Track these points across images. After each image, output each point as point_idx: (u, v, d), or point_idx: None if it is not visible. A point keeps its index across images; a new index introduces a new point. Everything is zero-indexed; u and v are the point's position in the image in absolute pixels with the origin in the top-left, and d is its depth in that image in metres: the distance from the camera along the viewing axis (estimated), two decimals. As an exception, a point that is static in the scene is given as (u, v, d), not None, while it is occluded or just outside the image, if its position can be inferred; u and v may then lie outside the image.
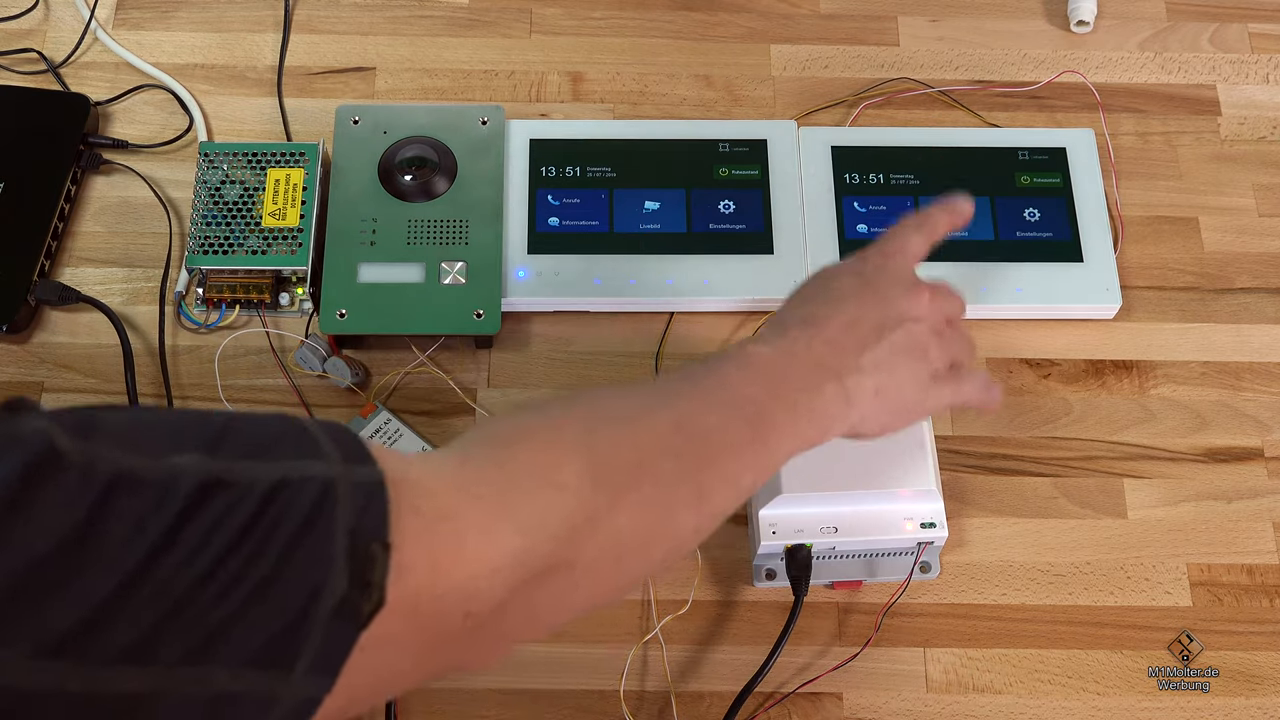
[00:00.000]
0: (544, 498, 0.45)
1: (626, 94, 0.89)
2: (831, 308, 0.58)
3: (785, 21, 0.92)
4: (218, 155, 0.81)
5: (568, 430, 0.48)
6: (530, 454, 0.47)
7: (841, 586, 0.73)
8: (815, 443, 0.56)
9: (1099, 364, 0.80)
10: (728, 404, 0.53)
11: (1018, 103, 0.89)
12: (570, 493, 0.46)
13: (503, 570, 0.43)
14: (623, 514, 0.47)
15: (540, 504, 0.45)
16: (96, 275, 0.82)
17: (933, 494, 0.69)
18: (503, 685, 0.71)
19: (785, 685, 0.71)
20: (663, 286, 0.80)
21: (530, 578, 0.44)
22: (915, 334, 0.59)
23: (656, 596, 0.73)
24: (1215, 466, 0.77)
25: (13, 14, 0.90)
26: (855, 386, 0.56)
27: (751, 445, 0.53)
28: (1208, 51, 0.92)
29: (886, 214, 0.82)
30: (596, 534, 0.46)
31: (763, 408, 0.53)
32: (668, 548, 0.50)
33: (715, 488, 0.51)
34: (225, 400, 0.78)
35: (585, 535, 0.45)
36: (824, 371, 0.56)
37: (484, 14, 0.92)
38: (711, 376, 0.54)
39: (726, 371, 0.55)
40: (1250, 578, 0.74)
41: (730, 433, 0.52)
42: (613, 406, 0.52)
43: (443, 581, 0.41)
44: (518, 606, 0.44)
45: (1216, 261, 0.84)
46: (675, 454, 0.50)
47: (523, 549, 0.43)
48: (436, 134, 0.82)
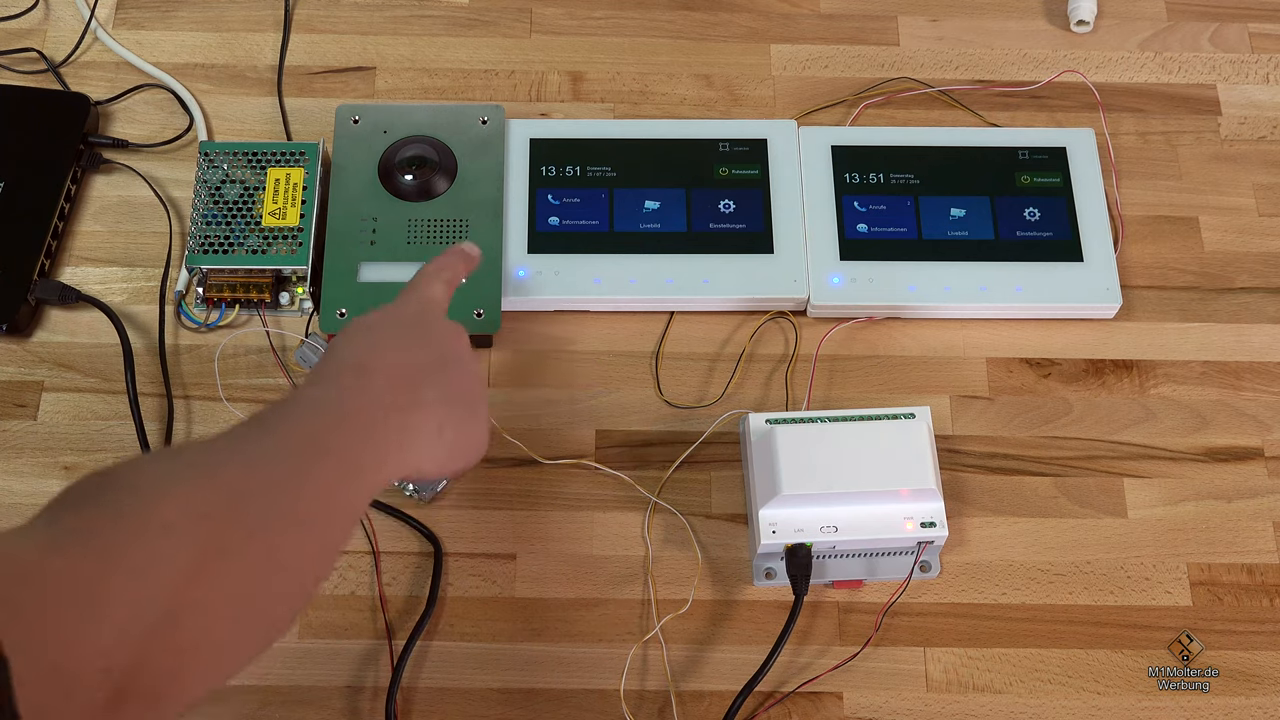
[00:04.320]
0: (151, 540, 0.43)
1: (626, 93, 0.89)
2: (381, 354, 0.59)
3: (785, 21, 0.93)
4: (218, 155, 0.81)
5: (157, 480, 0.47)
6: (126, 500, 0.45)
7: (842, 586, 0.73)
8: (388, 479, 0.56)
9: (1099, 364, 0.80)
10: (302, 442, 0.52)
11: (1018, 102, 0.89)
12: (176, 531, 0.44)
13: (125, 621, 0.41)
14: (233, 547, 0.46)
15: (148, 547, 0.43)
16: (97, 275, 0.82)
17: (933, 493, 0.70)
18: (503, 685, 0.71)
19: (785, 685, 0.71)
20: (663, 286, 0.80)
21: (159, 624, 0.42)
22: (466, 369, 0.62)
23: (656, 596, 0.73)
24: (1215, 466, 0.77)
25: (13, 14, 0.90)
26: (418, 423, 0.57)
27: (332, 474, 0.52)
28: (1208, 51, 0.92)
29: (886, 213, 0.82)
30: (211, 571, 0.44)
31: (331, 444, 0.53)
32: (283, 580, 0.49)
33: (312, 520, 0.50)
34: (225, 399, 0.78)
35: (202, 574, 0.44)
36: (384, 410, 0.56)
37: (484, 14, 0.92)
38: (277, 420, 0.53)
39: (291, 415, 0.54)
40: (1250, 577, 0.74)
41: (308, 467, 0.51)
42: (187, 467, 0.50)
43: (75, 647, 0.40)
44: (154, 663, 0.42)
45: (1217, 261, 0.84)
46: (265, 489, 0.49)
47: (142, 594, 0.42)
48: (436, 134, 0.82)
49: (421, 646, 0.71)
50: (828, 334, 0.80)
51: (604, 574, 0.73)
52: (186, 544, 0.44)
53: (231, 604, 0.46)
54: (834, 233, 0.81)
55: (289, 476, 0.50)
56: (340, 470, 0.52)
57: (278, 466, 0.51)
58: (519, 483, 0.76)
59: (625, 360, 0.80)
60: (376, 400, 0.56)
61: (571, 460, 0.76)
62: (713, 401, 0.79)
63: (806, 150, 0.84)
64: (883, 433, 0.70)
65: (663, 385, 0.79)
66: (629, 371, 0.79)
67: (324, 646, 0.71)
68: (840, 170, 0.83)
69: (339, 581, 0.73)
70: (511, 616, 0.72)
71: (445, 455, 0.59)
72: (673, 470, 0.76)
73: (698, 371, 0.80)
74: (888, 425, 0.71)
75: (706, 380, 0.79)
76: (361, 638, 0.72)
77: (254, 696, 0.70)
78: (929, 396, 0.79)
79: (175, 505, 0.45)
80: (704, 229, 0.81)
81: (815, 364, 0.80)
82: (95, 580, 0.41)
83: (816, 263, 0.80)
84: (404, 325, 0.62)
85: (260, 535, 0.47)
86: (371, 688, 0.70)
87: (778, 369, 0.80)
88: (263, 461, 0.50)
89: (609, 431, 0.78)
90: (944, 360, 0.80)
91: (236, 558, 0.46)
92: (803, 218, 0.82)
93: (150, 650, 0.42)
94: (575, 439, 0.77)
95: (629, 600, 0.73)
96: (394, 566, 0.74)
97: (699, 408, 0.78)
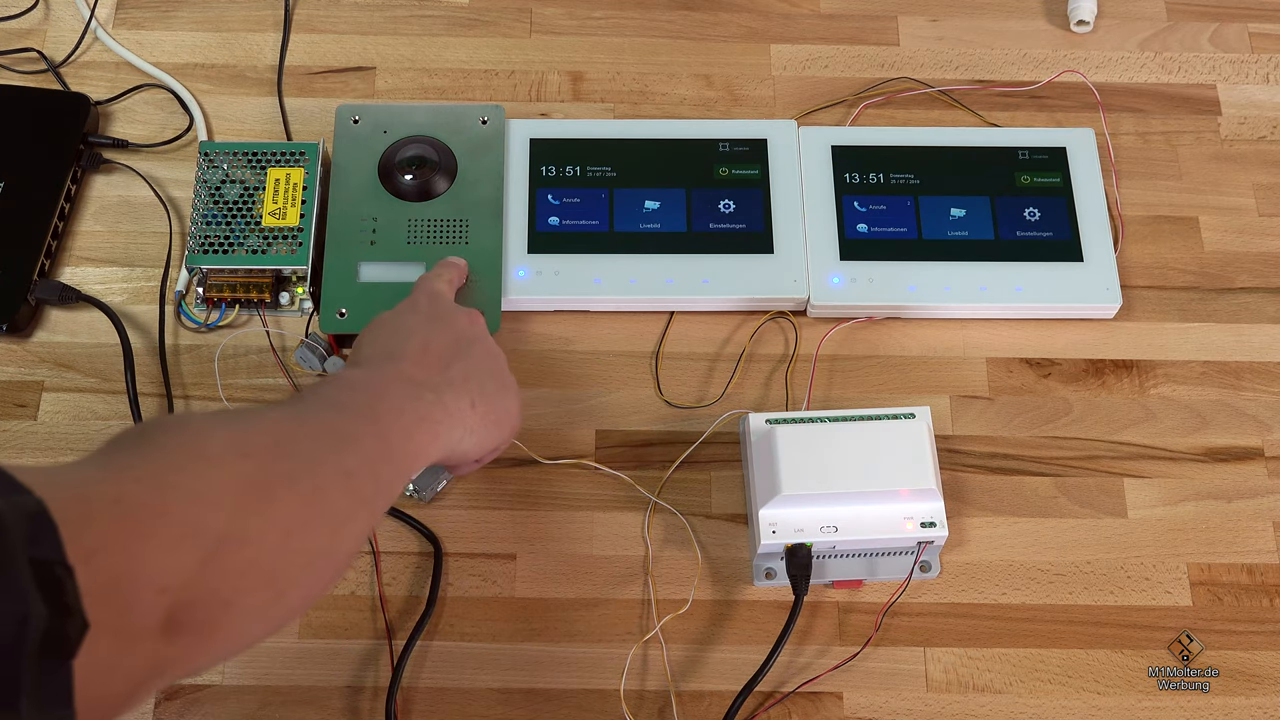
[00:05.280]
0: (197, 470, 0.46)
1: (626, 93, 0.89)
2: (404, 340, 0.63)
3: (785, 21, 0.93)
4: (218, 155, 0.81)
5: (199, 423, 0.49)
6: (172, 438, 0.47)
7: (842, 586, 0.73)
8: (429, 454, 0.58)
9: (1099, 364, 0.80)
10: (343, 406, 0.56)
11: (1018, 102, 0.89)
12: (221, 464, 0.46)
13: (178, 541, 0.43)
14: (278, 486, 0.48)
15: (195, 475, 0.45)
16: (97, 275, 0.82)
17: (933, 493, 0.70)
18: (503, 685, 0.71)
19: (785, 685, 0.71)
20: (663, 286, 0.80)
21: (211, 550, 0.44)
22: (488, 347, 0.67)
23: (656, 596, 0.73)
24: (1215, 466, 0.77)
25: (13, 14, 0.90)
26: (452, 400, 0.61)
27: (374, 439, 0.55)
28: (1208, 51, 0.92)
29: (886, 213, 0.82)
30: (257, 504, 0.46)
31: (374, 409, 0.56)
32: (328, 530, 0.50)
33: (356, 473, 0.52)
34: (225, 399, 0.78)
35: (248, 506, 0.46)
36: (418, 386, 0.60)
37: (484, 14, 0.92)
38: (316, 393, 0.57)
39: (330, 390, 0.57)
40: (1250, 577, 0.74)
41: (352, 426, 0.54)
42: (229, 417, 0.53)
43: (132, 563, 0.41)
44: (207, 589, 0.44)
45: (1216, 261, 0.84)
46: (309, 437, 0.52)
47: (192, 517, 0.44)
48: (436, 133, 0.82)
49: (421, 646, 0.71)
50: (828, 334, 0.80)
51: (604, 574, 0.73)
52: (231, 477, 0.46)
53: (277, 541, 0.47)
54: (834, 233, 0.81)
55: (331, 431, 0.53)
56: (380, 437, 0.55)
57: (321, 420, 0.53)
58: (519, 483, 0.76)
59: (625, 360, 0.80)
60: (410, 378, 0.60)
61: (571, 460, 0.76)
62: (713, 401, 0.79)
63: (806, 150, 0.84)
64: (883, 433, 0.70)
65: (663, 385, 0.79)
66: (629, 371, 0.79)
67: (324, 646, 0.71)
68: (840, 170, 0.83)
69: (339, 581, 0.73)
70: (511, 616, 0.72)
71: (482, 429, 0.63)
72: (673, 470, 0.76)
73: (698, 371, 0.80)
74: (888, 425, 0.71)
75: (706, 380, 0.79)
76: (361, 638, 0.72)
77: (254, 696, 0.70)
78: (929, 396, 0.79)
79: (219, 442, 0.47)
80: (704, 229, 0.81)
81: (815, 364, 0.80)
82: (148, 502, 0.43)
83: (816, 263, 0.80)
84: (421, 314, 0.66)
85: (303, 481, 0.49)
86: (371, 688, 0.70)
87: (778, 369, 0.80)
88: (307, 416, 0.53)
89: (609, 431, 0.78)
90: (944, 360, 0.80)
91: (279, 500, 0.47)
92: (803, 218, 0.82)
93: (203, 576, 0.43)
94: (575, 439, 0.77)
95: (629, 600, 0.73)
96: (394, 566, 0.74)
97: (699, 408, 0.78)
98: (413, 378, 0.60)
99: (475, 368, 0.64)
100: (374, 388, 0.58)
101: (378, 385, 0.58)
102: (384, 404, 0.57)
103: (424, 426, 0.58)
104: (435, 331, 0.64)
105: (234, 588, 0.45)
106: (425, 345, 0.63)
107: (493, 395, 0.64)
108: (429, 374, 0.61)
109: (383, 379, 0.59)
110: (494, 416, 0.64)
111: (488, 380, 0.64)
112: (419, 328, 0.64)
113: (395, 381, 0.59)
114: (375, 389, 0.58)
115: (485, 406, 0.63)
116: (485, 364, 0.65)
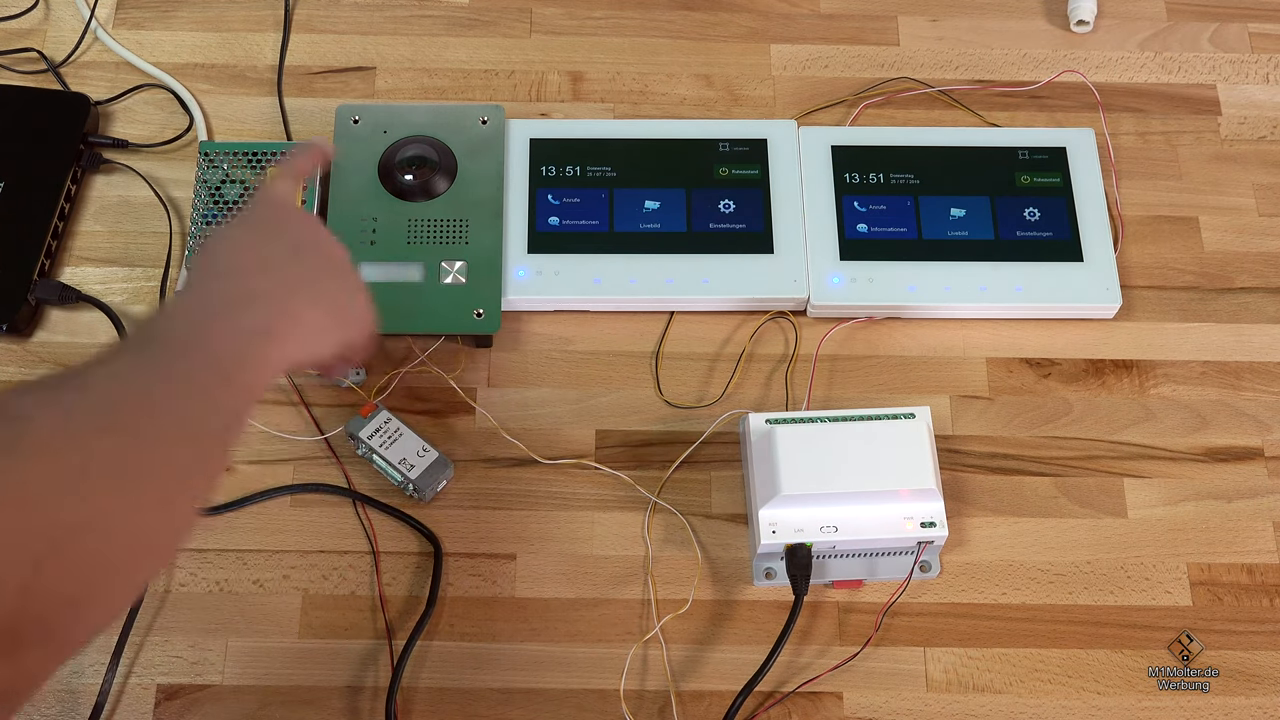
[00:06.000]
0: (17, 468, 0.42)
1: (626, 93, 0.89)
2: (236, 255, 0.60)
3: (785, 21, 0.93)
4: (218, 155, 0.81)
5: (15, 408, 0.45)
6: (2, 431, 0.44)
7: (842, 586, 0.73)
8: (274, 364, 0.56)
9: (1099, 364, 0.80)
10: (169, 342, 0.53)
11: (1018, 102, 0.89)
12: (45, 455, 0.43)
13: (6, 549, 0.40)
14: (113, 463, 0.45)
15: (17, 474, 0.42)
16: (97, 275, 0.82)
17: (933, 493, 0.70)
18: (503, 685, 0.71)
19: (785, 685, 0.71)
20: (663, 286, 0.80)
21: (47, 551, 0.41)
22: (327, 248, 0.64)
23: (656, 596, 0.73)
24: (1215, 466, 0.77)
25: (13, 14, 0.90)
26: (294, 305, 0.59)
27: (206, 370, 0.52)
28: (1208, 51, 0.92)
29: (886, 213, 0.82)
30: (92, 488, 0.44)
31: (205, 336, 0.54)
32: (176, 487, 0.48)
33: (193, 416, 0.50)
34: (225, 400, 0.77)
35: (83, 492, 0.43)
36: (252, 297, 0.58)
37: (484, 14, 0.92)
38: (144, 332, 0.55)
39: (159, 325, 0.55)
40: (1250, 577, 0.74)
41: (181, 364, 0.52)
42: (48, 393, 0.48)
43: None
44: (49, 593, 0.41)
45: (1216, 261, 0.84)
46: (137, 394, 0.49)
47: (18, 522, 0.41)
48: (436, 134, 0.82)
49: (421, 646, 0.71)
50: (828, 334, 0.80)
51: (604, 574, 0.73)
52: (60, 468, 0.43)
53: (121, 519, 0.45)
54: (834, 233, 0.81)
55: (163, 379, 0.50)
56: (213, 367, 0.53)
57: (150, 368, 0.50)
58: (519, 483, 0.76)
59: (625, 360, 0.80)
60: (245, 291, 0.58)
61: (571, 460, 0.76)
62: (713, 401, 0.79)
63: (806, 150, 0.84)
64: (882, 433, 0.70)
65: (663, 385, 0.79)
66: (629, 371, 0.79)
67: (324, 646, 0.71)
68: (840, 170, 0.83)
69: (339, 581, 0.73)
70: (511, 616, 0.72)
71: (331, 329, 0.62)
72: (673, 470, 0.76)
73: (698, 371, 0.80)
74: (887, 425, 0.71)
75: (706, 380, 0.79)
76: (361, 638, 0.72)
77: (254, 696, 0.70)
78: (929, 396, 0.79)
79: (42, 430, 0.44)
80: (704, 229, 0.81)
81: (815, 364, 0.80)
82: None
83: (816, 263, 0.80)
84: (253, 224, 0.63)
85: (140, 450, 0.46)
86: (371, 688, 0.70)
87: (778, 369, 0.80)
88: (134, 369, 0.50)
89: (609, 431, 0.78)
90: (944, 360, 0.80)
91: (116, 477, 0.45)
92: (803, 218, 0.82)
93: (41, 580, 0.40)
94: (575, 439, 0.77)
95: (629, 600, 0.73)
96: (394, 566, 0.74)
97: (699, 408, 0.78)
98: (250, 289, 0.58)
99: (315, 269, 0.62)
100: (201, 313, 0.55)
101: (206, 307, 0.56)
102: (216, 325, 0.54)
103: (262, 339, 0.56)
104: (268, 240, 0.62)
105: (80, 583, 0.42)
106: (259, 256, 0.61)
107: (336, 294, 0.63)
108: (265, 283, 0.59)
109: (211, 299, 0.57)
110: (339, 315, 0.63)
111: (329, 280, 0.63)
112: (250, 239, 0.62)
113: (226, 299, 0.57)
114: (202, 315, 0.55)
115: (329, 305, 0.61)
116: (325, 264, 0.63)
